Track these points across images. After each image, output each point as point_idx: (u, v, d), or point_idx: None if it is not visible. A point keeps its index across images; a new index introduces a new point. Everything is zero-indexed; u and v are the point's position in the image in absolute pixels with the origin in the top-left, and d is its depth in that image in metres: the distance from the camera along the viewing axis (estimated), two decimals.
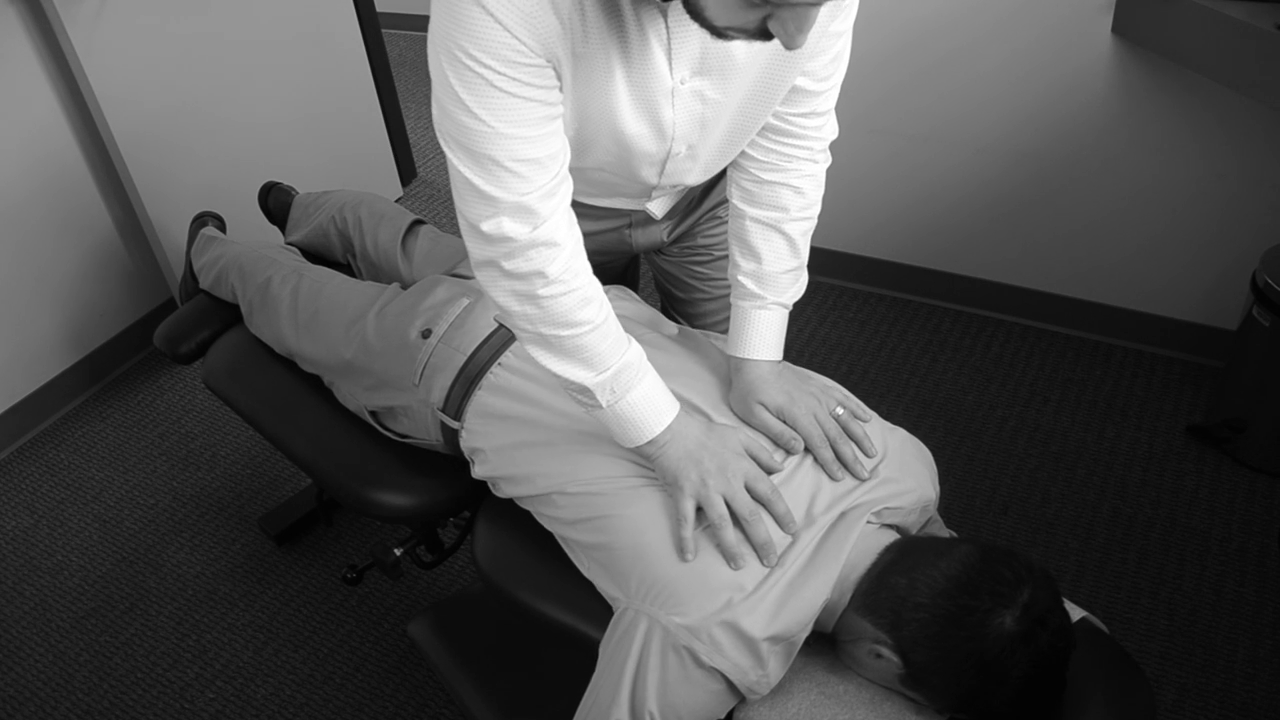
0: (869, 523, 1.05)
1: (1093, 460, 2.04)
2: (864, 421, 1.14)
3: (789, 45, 0.83)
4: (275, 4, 2.54)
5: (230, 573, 1.96)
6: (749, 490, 1.03)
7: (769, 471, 1.07)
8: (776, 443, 1.11)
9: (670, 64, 0.98)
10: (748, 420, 1.13)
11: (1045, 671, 0.93)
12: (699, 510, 1.02)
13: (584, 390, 1.03)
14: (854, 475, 1.08)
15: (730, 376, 1.19)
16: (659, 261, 1.48)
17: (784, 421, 1.11)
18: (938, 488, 1.17)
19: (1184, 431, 2.08)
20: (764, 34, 0.84)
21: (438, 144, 3.58)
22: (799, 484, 1.08)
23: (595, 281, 1.03)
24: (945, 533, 1.22)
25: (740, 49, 0.99)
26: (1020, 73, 2.09)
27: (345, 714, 1.69)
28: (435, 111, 0.94)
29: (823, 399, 1.14)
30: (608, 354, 1.03)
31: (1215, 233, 2.09)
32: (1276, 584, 1.76)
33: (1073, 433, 2.10)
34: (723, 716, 1.01)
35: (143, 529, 2.07)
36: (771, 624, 0.96)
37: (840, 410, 1.13)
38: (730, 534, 1.00)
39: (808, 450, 1.11)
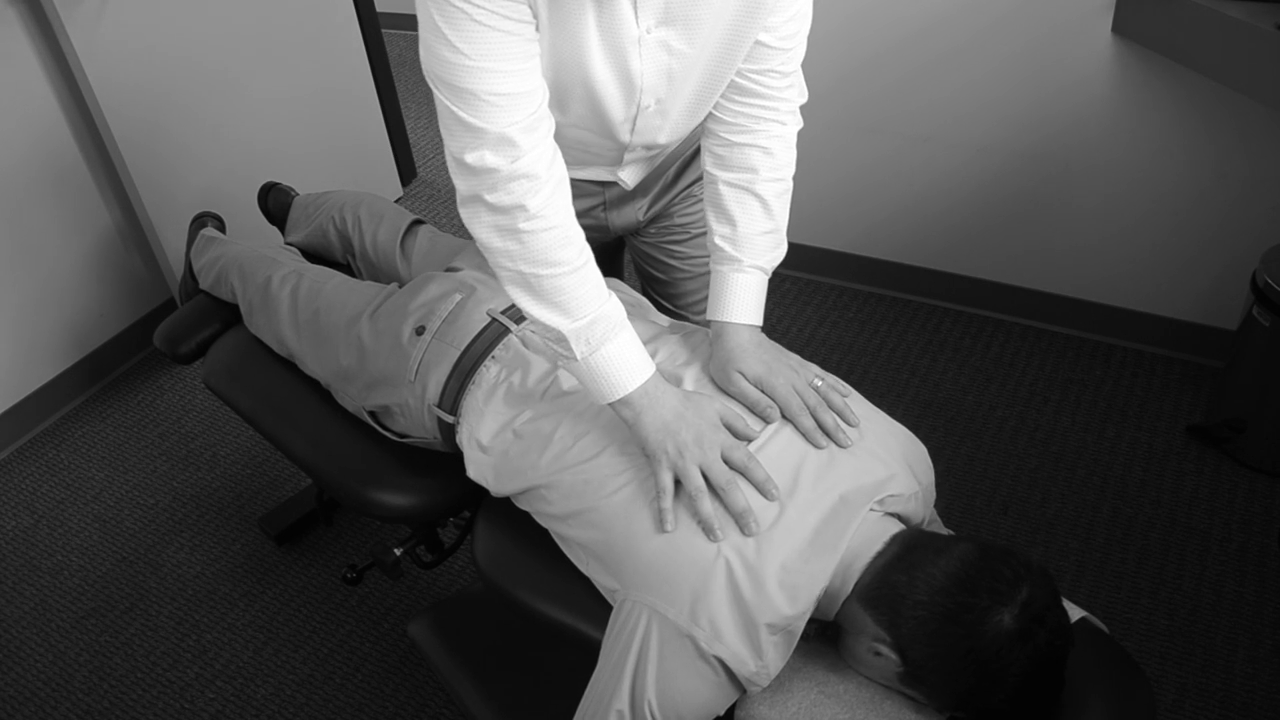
0: (871, 510, 1.04)
1: (1093, 460, 2.04)
2: (843, 395, 1.15)
3: None
4: (275, 4, 2.54)
5: (230, 573, 1.96)
6: (725, 460, 1.04)
7: (746, 440, 1.08)
8: (753, 411, 1.11)
9: (636, 12, 1.01)
10: (725, 388, 1.14)
11: (1043, 670, 0.93)
12: (678, 483, 1.03)
13: (560, 339, 1.05)
14: (836, 443, 1.08)
15: (711, 352, 1.20)
16: (637, 244, 1.50)
17: (762, 391, 1.12)
18: (932, 475, 1.16)
19: (1184, 431, 2.08)
20: None
21: (438, 144, 3.57)
22: (779, 452, 1.07)
23: (577, 226, 1.06)
24: (945, 532, 1.22)
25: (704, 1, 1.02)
26: (1020, 72, 2.09)
27: (345, 714, 1.69)
28: (422, 51, 0.99)
29: (801, 371, 1.15)
30: (585, 300, 1.05)
31: (1215, 233, 2.09)
32: (1276, 584, 1.76)
33: (1073, 433, 2.10)
34: (722, 715, 1.01)
35: (143, 529, 2.07)
36: (769, 607, 0.96)
37: (819, 382, 1.14)
38: (707, 505, 1.00)
39: (786, 420, 1.11)
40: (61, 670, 1.81)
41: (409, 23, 5.13)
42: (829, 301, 2.54)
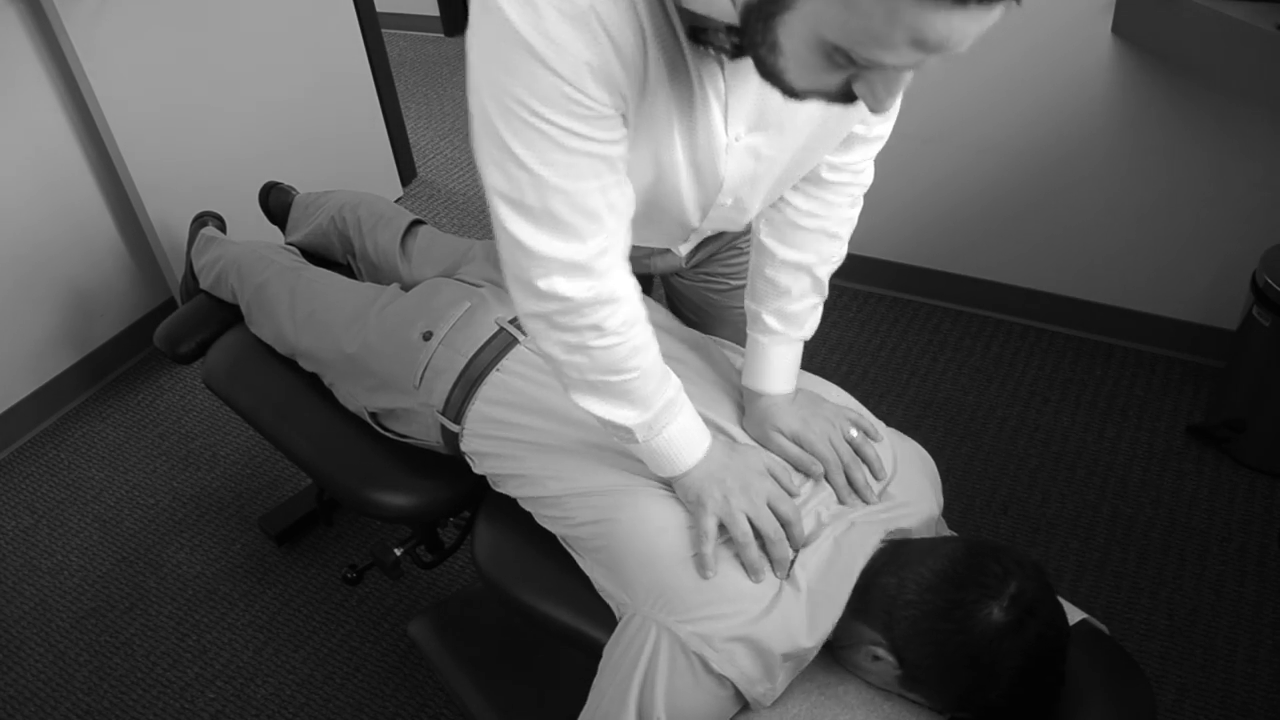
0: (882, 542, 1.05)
1: (1093, 460, 2.04)
2: (876, 442, 1.14)
3: (876, 109, 0.76)
4: (275, 4, 2.54)
5: (230, 573, 1.96)
6: (772, 509, 1.03)
7: (789, 494, 1.07)
8: (796, 467, 1.10)
9: (726, 120, 0.93)
10: (765, 445, 1.13)
11: (1038, 663, 0.93)
12: (721, 528, 1.02)
13: (623, 429, 1.02)
14: (863, 500, 1.09)
15: (743, 398, 1.19)
16: (674, 283, 1.47)
17: (800, 446, 1.11)
18: (941, 502, 1.17)
19: (1184, 431, 2.08)
20: (846, 96, 0.77)
21: (438, 144, 3.55)
22: (813, 505, 1.08)
23: (649, 331, 1.00)
24: (946, 533, 1.22)
25: (800, 104, 0.93)
26: (1020, 73, 2.09)
27: (345, 714, 1.69)
28: (484, 167, 0.86)
29: (836, 422, 1.14)
30: (652, 395, 1.01)
31: (1215, 233, 2.09)
32: (1276, 584, 1.76)
33: (1073, 433, 2.10)
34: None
35: (143, 529, 2.07)
36: (790, 641, 0.97)
37: (854, 433, 1.13)
38: (755, 551, 0.99)
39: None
40: (61, 670, 1.80)
41: (409, 23, 5.12)
42: (829, 301, 2.53)
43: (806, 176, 1.11)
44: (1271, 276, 1.82)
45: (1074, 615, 1.05)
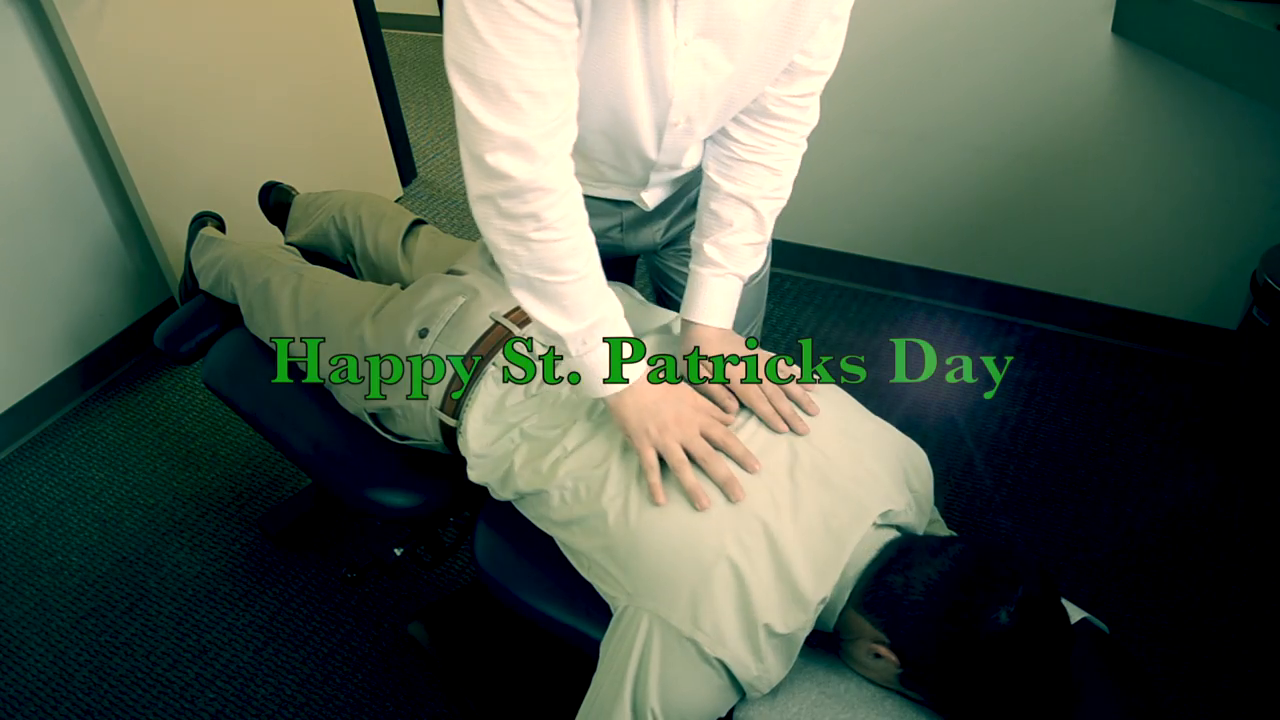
0: (874, 525, 1.04)
1: (1093, 460, 2.04)
2: (807, 390, 1.14)
3: None
4: (275, 4, 2.54)
5: (230, 573, 1.96)
6: (704, 436, 1.06)
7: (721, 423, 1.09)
8: (712, 400, 1.13)
9: (676, 21, 0.98)
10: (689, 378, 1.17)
11: (1043, 668, 0.93)
12: (663, 463, 1.05)
13: (556, 338, 1.06)
14: (794, 430, 1.09)
15: (681, 344, 1.22)
16: (654, 261, 1.49)
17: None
18: (930, 482, 1.16)
19: (1184, 431, 2.08)
20: None
21: (438, 144, 3.55)
22: (762, 446, 1.08)
23: (588, 234, 1.05)
24: (946, 533, 1.22)
25: (745, 15, 0.99)
26: (1020, 72, 2.09)
27: (345, 714, 1.69)
28: (447, 39, 0.94)
29: (760, 359, 1.16)
30: (588, 306, 1.06)
31: (1215, 233, 2.09)
32: (1277, 584, 1.76)
33: (1073, 433, 2.11)
34: (722, 715, 1.01)
35: (143, 529, 2.07)
36: (774, 609, 0.96)
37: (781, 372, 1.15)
38: (690, 475, 1.03)
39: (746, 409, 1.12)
40: (61, 670, 1.80)
41: (409, 22, 5.13)
42: (829, 301, 2.54)
43: (751, 109, 1.15)
44: (1271, 276, 1.81)
45: (1074, 614, 1.05)
